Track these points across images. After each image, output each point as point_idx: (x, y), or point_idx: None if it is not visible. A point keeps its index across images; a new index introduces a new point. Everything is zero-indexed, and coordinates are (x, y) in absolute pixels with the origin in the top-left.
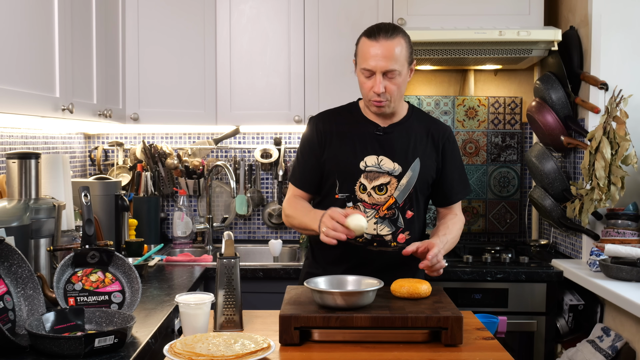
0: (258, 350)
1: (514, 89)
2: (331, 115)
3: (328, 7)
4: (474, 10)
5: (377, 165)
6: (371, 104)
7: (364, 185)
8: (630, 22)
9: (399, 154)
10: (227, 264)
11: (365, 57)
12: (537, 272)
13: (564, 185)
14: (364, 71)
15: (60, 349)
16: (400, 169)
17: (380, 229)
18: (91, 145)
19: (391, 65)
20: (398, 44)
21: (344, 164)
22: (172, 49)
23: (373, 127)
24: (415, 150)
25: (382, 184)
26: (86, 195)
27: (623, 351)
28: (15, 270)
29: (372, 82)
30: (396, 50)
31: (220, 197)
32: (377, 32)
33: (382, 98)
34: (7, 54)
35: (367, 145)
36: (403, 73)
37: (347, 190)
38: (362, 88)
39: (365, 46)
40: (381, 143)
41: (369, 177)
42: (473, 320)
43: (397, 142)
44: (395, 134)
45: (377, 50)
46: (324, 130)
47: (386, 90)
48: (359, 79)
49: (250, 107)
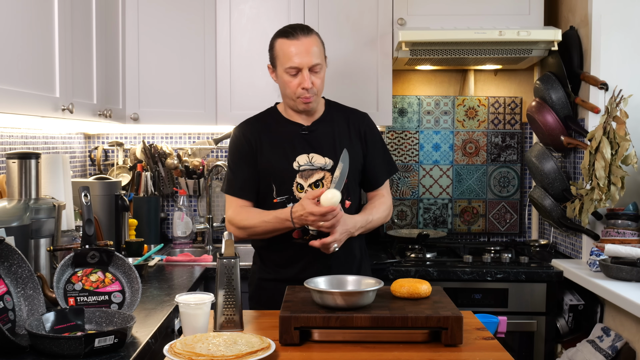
0: (258, 350)
1: (514, 89)
2: (255, 122)
3: (328, 7)
4: (474, 10)
5: (310, 163)
6: (299, 101)
7: (301, 185)
8: (630, 22)
9: (327, 149)
10: (227, 264)
11: (289, 56)
12: (537, 272)
13: (564, 185)
14: (289, 70)
15: (60, 349)
16: (331, 163)
17: None
18: (91, 145)
19: (315, 59)
20: (315, 39)
21: (278, 167)
22: (172, 49)
23: (298, 128)
24: (341, 141)
25: (317, 180)
26: (86, 195)
27: (623, 351)
28: (15, 270)
29: (299, 79)
30: (316, 45)
31: (220, 197)
32: (294, 31)
33: (310, 93)
34: (7, 54)
35: (296, 145)
36: (323, 67)
37: (284, 192)
38: (287, 88)
39: (285, 46)
40: (309, 141)
41: (303, 176)
42: (473, 320)
43: (323, 137)
44: (320, 130)
45: (300, 48)
46: (252, 138)
47: (313, 84)
48: (282, 80)
49: (250, 107)
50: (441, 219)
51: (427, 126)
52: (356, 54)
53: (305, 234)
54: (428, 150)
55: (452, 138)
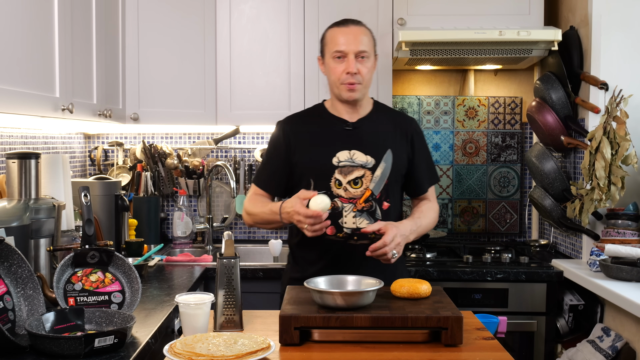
0: (258, 350)
1: (514, 89)
2: (299, 117)
3: (328, 7)
4: (474, 10)
5: (350, 160)
6: (343, 88)
7: (339, 181)
8: (630, 22)
9: (370, 147)
10: (227, 264)
11: (336, 42)
12: (537, 272)
13: (564, 185)
14: (335, 54)
15: (60, 349)
16: (373, 161)
17: (359, 222)
18: (91, 145)
19: (362, 46)
20: (366, 31)
21: (317, 162)
22: (172, 49)
23: (342, 123)
24: (385, 142)
25: (356, 178)
26: (86, 195)
27: (623, 351)
28: (15, 270)
29: (345, 64)
30: (365, 35)
31: (220, 197)
32: (345, 21)
33: (354, 80)
34: (7, 54)
35: (338, 141)
36: (371, 59)
37: (322, 187)
38: (333, 74)
39: (334, 33)
40: (352, 137)
41: (343, 172)
42: (473, 320)
43: (367, 135)
44: (365, 127)
45: (348, 34)
46: (292, 132)
47: (358, 72)
48: (329, 67)
49: (250, 107)
50: (441, 219)
51: (427, 126)
52: None
53: (339, 231)
54: None
55: (452, 138)
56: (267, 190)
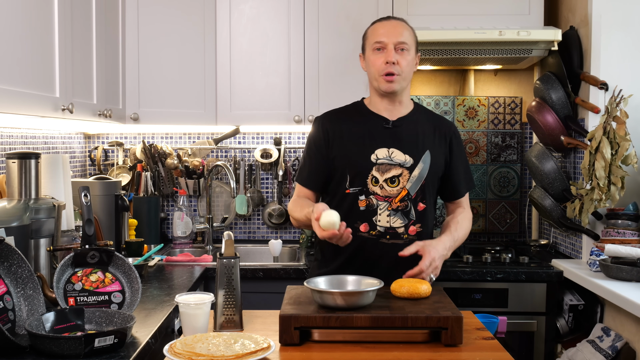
0: (258, 350)
1: (514, 89)
2: (337, 113)
3: (328, 7)
4: (474, 10)
5: (389, 158)
6: (382, 80)
7: (376, 178)
8: (630, 22)
9: (409, 146)
10: (227, 264)
11: (377, 34)
12: (537, 272)
13: (564, 185)
14: (375, 45)
15: (60, 349)
16: (411, 161)
17: (393, 221)
18: (91, 145)
19: (402, 38)
20: (406, 26)
21: (355, 158)
22: (172, 49)
23: (382, 121)
24: (424, 142)
25: (394, 176)
26: (86, 195)
27: (623, 351)
28: (15, 270)
29: (384, 56)
30: (406, 30)
31: (220, 197)
32: (387, 17)
33: (394, 70)
34: (7, 54)
35: (377, 138)
36: (412, 53)
37: (359, 184)
38: (372, 66)
39: (376, 27)
40: (391, 135)
41: (380, 170)
42: (473, 320)
43: (407, 134)
44: (404, 126)
45: (388, 27)
46: (330, 129)
47: (398, 64)
48: (369, 60)
49: (250, 107)
50: (441, 219)
51: None
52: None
53: (372, 228)
54: None
55: None
56: (309, 187)
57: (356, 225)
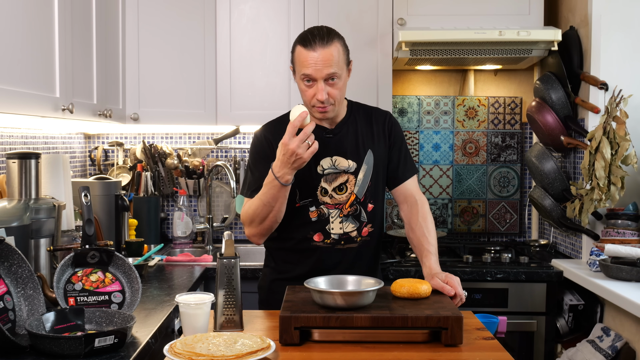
0: (258, 350)
1: (514, 89)
2: (277, 125)
3: (328, 7)
4: (474, 10)
5: (333, 166)
6: (315, 110)
7: (325, 189)
8: (630, 22)
9: (351, 151)
10: (227, 264)
11: (304, 65)
12: (537, 272)
13: (564, 185)
14: (303, 77)
15: (60, 349)
16: (355, 165)
17: (346, 227)
18: (91, 145)
19: (332, 69)
20: (335, 49)
21: (302, 172)
22: (172, 49)
23: (322, 131)
24: (364, 143)
25: (341, 184)
26: (86, 195)
27: (623, 351)
28: (15, 270)
29: (314, 89)
30: (334, 56)
31: (220, 197)
32: (312, 40)
33: (326, 104)
34: (7, 54)
35: (320, 148)
36: (343, 76)
37: (308, 196)
38: (304, 95)
39: (302, 55)
40: (332, 144)
41: (327, 180)
42: (473, 320)
43: (347, 139)
44: (343, 132)
45: (316, 59)
46: (274, 140)
47: (329, 95)
48: (299, 86)
49: (250, 107)
50: (441, 219)
51: (427, 126)
52: (356, 54)
53: (326, 237)
54: (428, 150)
55: (452, 138)
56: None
57: (309, 236)
